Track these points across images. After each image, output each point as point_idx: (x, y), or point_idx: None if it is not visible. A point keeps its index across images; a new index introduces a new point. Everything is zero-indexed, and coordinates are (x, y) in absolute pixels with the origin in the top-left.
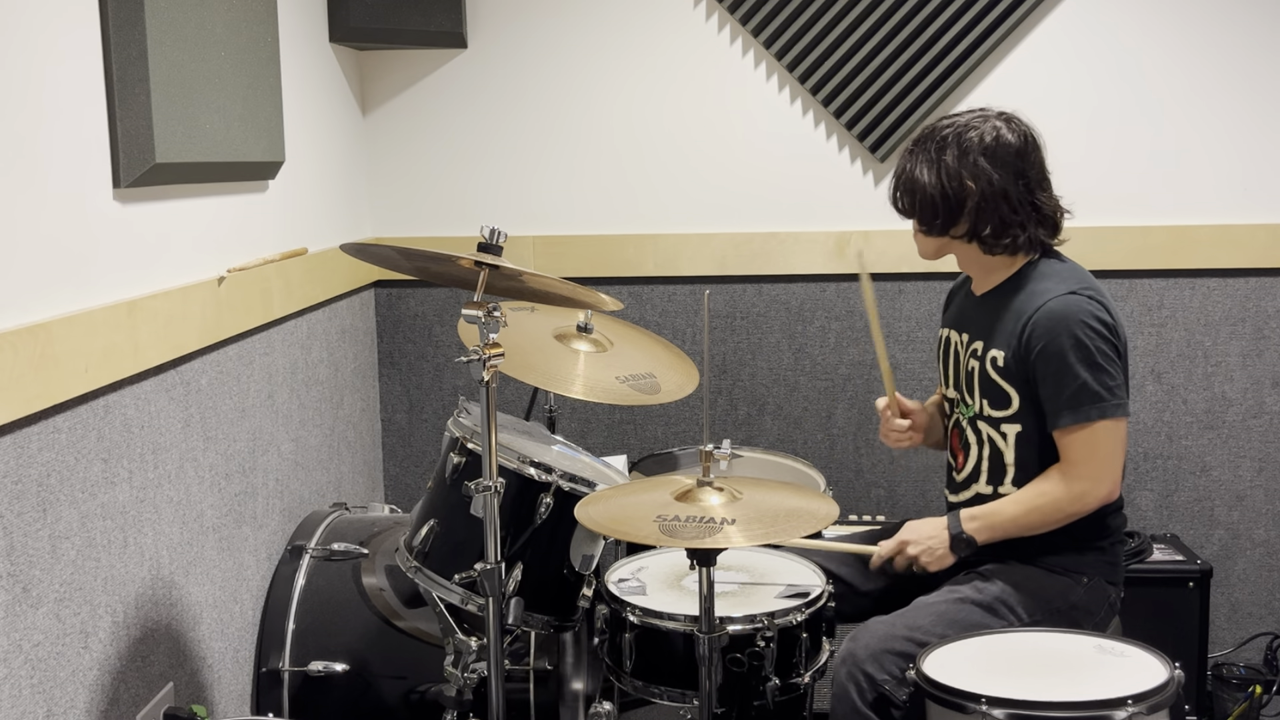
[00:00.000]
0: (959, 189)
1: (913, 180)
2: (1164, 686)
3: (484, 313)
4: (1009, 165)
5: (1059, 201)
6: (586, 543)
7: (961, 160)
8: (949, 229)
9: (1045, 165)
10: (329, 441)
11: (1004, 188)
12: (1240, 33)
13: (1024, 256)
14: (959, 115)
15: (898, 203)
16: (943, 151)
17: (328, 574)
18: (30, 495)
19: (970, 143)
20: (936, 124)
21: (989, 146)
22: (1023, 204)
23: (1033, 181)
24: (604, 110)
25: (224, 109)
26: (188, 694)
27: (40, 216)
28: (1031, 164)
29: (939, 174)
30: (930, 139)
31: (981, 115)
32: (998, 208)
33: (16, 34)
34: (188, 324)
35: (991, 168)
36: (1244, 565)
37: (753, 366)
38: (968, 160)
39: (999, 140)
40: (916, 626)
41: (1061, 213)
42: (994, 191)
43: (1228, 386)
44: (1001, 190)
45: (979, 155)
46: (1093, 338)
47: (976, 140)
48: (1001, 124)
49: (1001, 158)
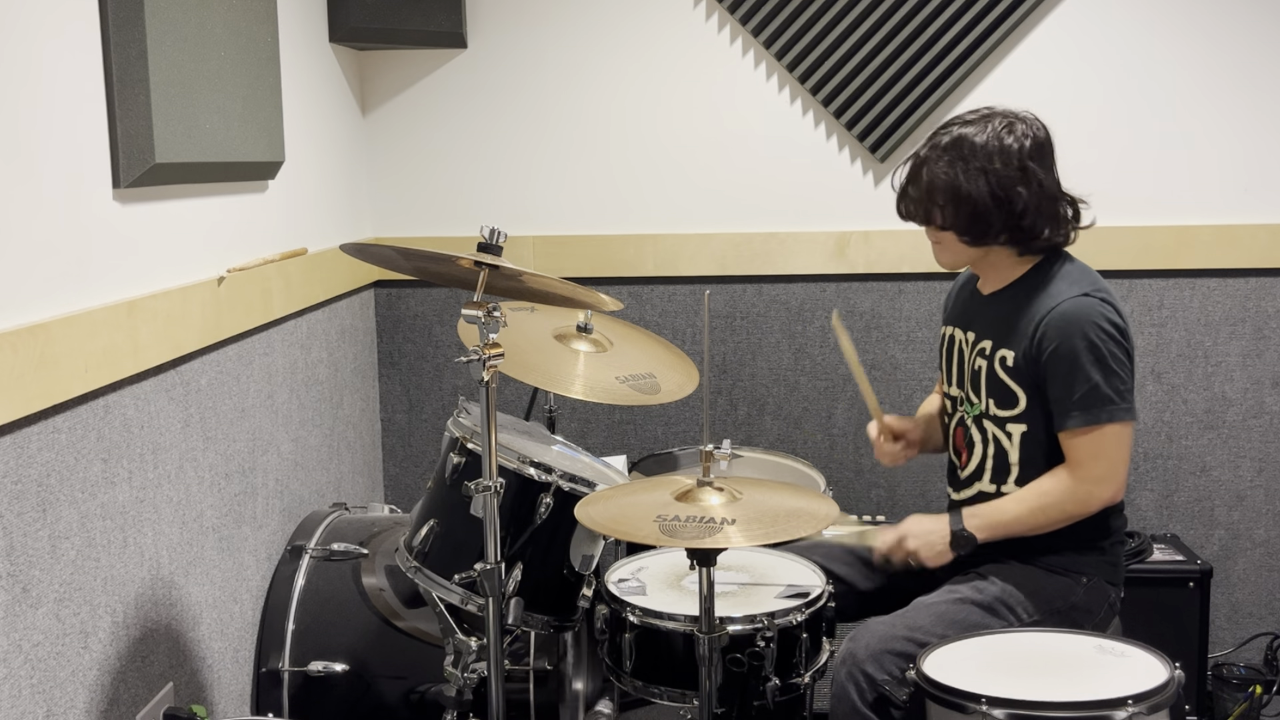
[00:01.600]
0: (1010, 196)
1: (957, 191)
2: (1164, 687)
3: (484, 313)
4: (1048, 163)
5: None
6: (586, 543)
7: (1009, 166)
8: (997, 237)
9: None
10: (329, 441)
11: (1051, 187)
12: (1241, 32)
13: (1039, 255)
14: (976, 118)
15: (929, 214)
16: (990, 159)
17: (327, 574)
18: (30, 495)
19: (1012, 148)
20: (960, 131)
21: (1032, 148)
22: (1061, 199)
23: (1057, 175)
24: (604, 110)
25: (224, 109)
26: (188, 694)
27: (40, 217)
28: (1054, 158)
29: (990, 183)
30: (964, 147)
31: (1001, 115)
32: (1049, 209)
33: (16, 34)
34: (187, 324)
35: (1039, 168)
36: (1244, 565)
37: (753, 366)
38: (1013, 166)
39: (1036, 140)
40: (916, 626)
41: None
42: (1046, 195)
43: (1228, 386)
44: (1050, 191)
45: (1027, 159)
46: (1105, 341)
47: (1016, 145)
48: (1028, 123)
49: (1040, 158)
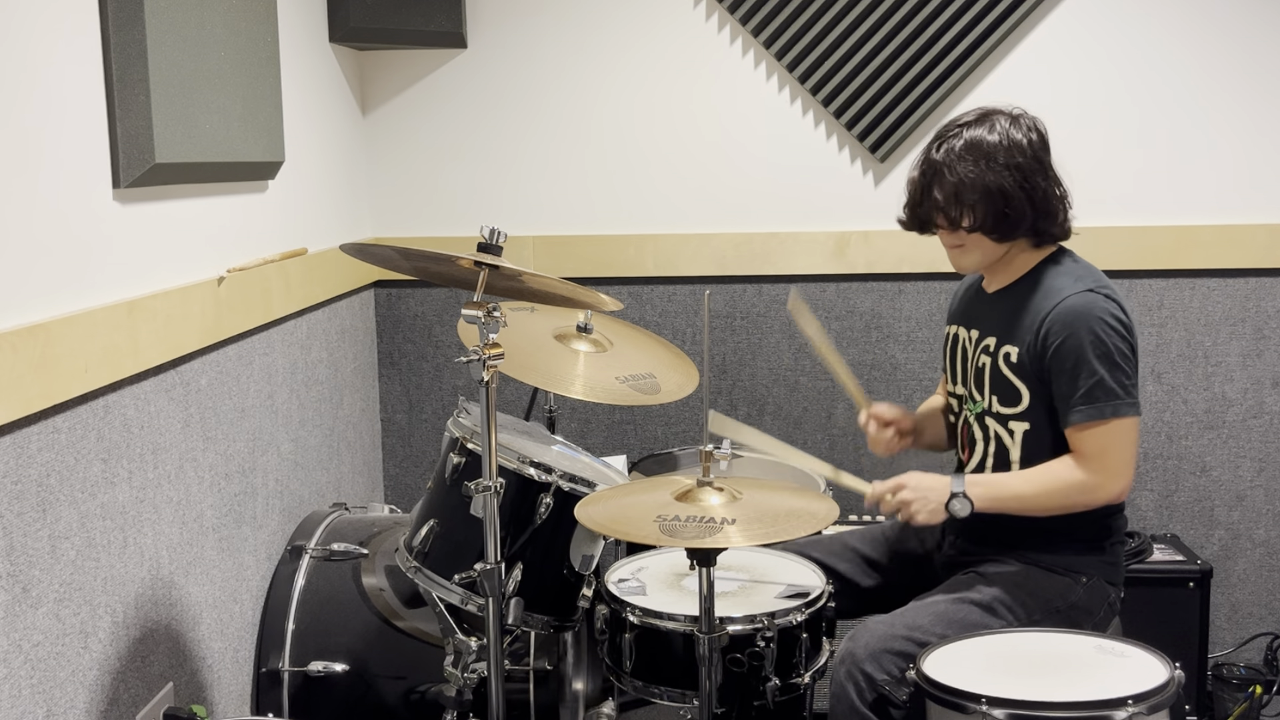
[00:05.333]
0: (1033, 186)
1: (987, 189)
2: (1164, 687)
3: (484, 313)
4: (1050, 160)
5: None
6: (586, 543)
7: (1027, 159)
8: (1020, 232)
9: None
10: (329, 442)
11: (1058, 177)
12: (1241, 33)
13: (1046, 250)
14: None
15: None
16: (1013, 156)
17: (327, 574)
18: (30, 495)
19: (1023, 144)
20: (971, 134)
21: (1035, 144)
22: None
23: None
24: (604, 110)
25: (224, 109)
26: (188, 694)
27: (40, 217)
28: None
29: (1014, 177)
30: (981, 146)
31: (1003, 115)
32: (1058, 198)
33: (16, 34)
34: (187, 324)
35: (1049, 160)
36: (1244, 565)
37: (753, 366)
38: (1030, 158)
39: (1038, 133)
40: (915, 626)
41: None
42: (1053, 185)
43: (1228, 386)
44: (1056, 180)
45: (1038, 151)
46: (1111, 336)
47: (1026, 141)
48: (1027, 119)
49: (1046, 150)
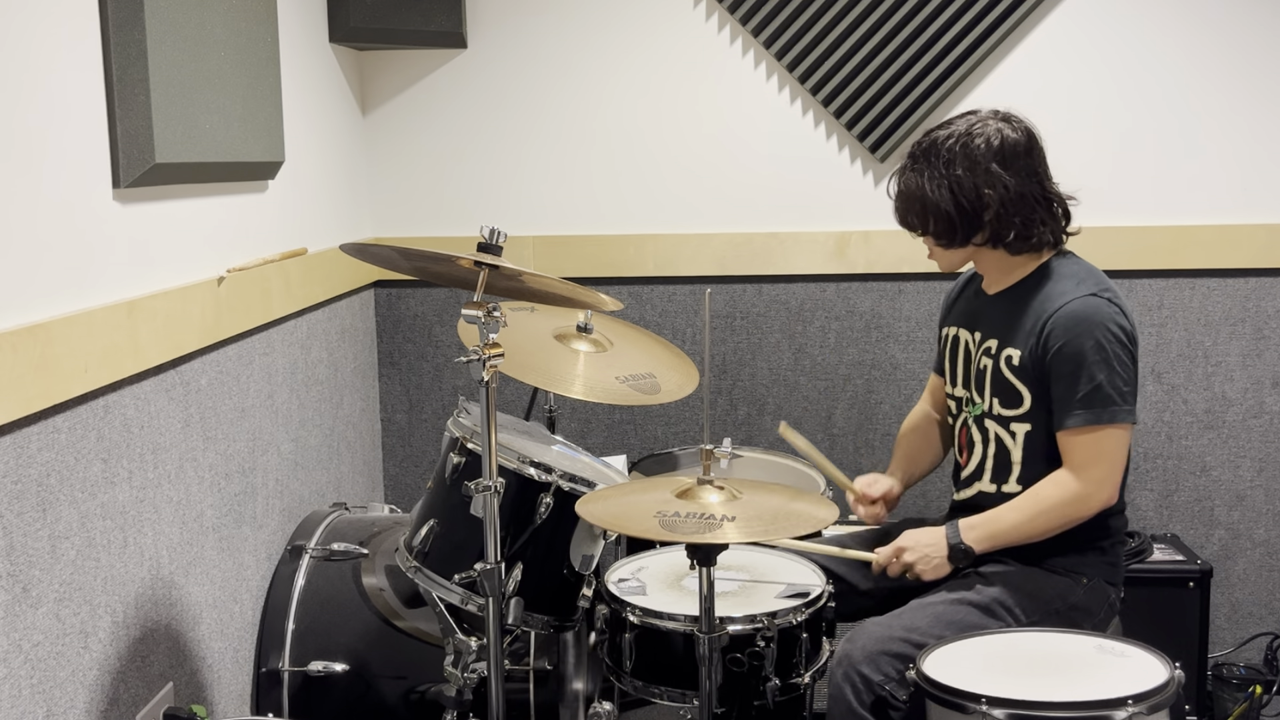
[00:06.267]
0: (975, 200)
1: (924, 198)
2: (1164, 686)
3: (484, 313)
4: (1020, 165)
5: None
6: (586, 543)
7: (973, 171)
8: (970, 240)
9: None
10: (329, 441)
11: (1020, 190)
12: (1240, 33)
13: (1046, 253)
14: (953, 123)
15: (908, 221)
16: (952, 165)
17: (327, 574)
18: (30, 495)
19: (978, 151)
20: (934, 135)
21: (997, 150)
22: (1039, 200)
23: (1042, 176)
24: (604, 110)
25: (224, 109)
26: (188, 694)
27: (40, 217)
28: (1038, 159)
29: (951, 189)
30: (933, 153)
31: (979, 119)
32: (1019, 210)
33: (16, 34)
34: (187, 324)
35: (1005, 172)
36: (1244, 565)
37: (753, 366)
38: (979, 169)
39: (1005, 142)
40: (913, 628)
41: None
42: (1011, 196)
43: (1228, 386)
44: (1019, 193)
45: (991, 162)
46: (1112, 342)
47: (984, 147)
48: (1002, 124)
49: (1012, 159)
